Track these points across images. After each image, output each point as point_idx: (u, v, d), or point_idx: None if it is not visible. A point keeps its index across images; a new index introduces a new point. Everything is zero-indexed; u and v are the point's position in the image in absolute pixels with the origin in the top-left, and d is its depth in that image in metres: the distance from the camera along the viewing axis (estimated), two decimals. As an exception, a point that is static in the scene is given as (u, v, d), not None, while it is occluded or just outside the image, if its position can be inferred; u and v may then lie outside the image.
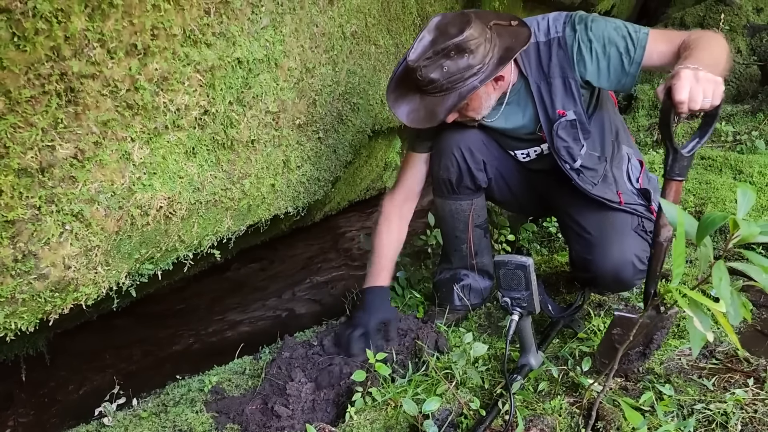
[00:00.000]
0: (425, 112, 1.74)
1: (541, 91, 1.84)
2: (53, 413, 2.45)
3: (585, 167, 1.90)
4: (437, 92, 1.71)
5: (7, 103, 1.17)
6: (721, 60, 1.53)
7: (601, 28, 1.75)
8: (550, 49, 1.80)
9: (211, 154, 1.72)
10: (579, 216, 1.96)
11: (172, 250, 1.78)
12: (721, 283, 1.08)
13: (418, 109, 1.75)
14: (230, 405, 1.80)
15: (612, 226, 1.90)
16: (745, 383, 1.65)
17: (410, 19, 2.86)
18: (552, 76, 1.81)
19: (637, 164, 2.06)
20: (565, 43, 1.78)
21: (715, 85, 1.42)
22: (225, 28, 1.59)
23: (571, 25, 1.78)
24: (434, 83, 1.69)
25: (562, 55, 1.78)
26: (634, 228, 1.91)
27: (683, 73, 1.42)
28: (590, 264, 1.91)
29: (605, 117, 1.96)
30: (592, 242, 1.91)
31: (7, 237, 1.27)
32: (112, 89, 1.35)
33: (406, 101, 1.78)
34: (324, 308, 3.09)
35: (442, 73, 1.67)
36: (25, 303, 1.38)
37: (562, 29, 1.79)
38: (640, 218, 1.93)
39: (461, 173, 2.04)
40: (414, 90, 1.76)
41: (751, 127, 3.83)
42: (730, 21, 4.70)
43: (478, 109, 1.86)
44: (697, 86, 1.40)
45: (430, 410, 1.55)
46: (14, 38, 1.13)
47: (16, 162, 1.22)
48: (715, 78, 1.42)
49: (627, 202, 1.93)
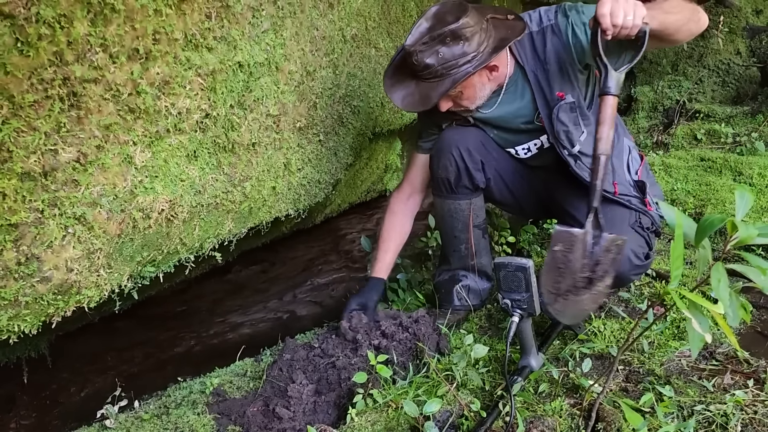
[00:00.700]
0: (419, 96, 1.78)
1: (538, 78, 1.88)
2: (55, 415, 2.46)
3: (583, 153, 1.92)
4: (432, 78, 1.75)
5: (10, 107, 1.18)
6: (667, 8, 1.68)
7: (591, 11, 1.77)
8: (545, 37, 1.85)
9: (213, 157, 1.73)
10: (576, 213, 1.97)
11: (173, 253, 1.79)
12: (720, 285, 1.09)
13: (413, 93, 1.79)
14: (231, 407, 1.81)
15: (609, 222, 1.91)
16: (745, 384, 1.65)
17: (410, 22, 2.87)
18: (548, 62, 1.86)
19: (638, 157, 2.09)
20: (559, 30, 1.83)
21: (635, 6, 1.56)
22: (226, 32, 1.60)
23: (562, 12, 1.84)
24: (429, 68, 1.73)
25: (557, 41, 1.83)
26: (631, 224, 1.92)
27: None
28: None
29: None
30: None
31: (10, 240, 1.27)
32: (114, 93, 1.36)
33: (402, 86, 1.82)
34: (325, 310, 3.10)
35: (438, 58, 1.71)
36: (28, 306, 1.39)
37: (554, 17, 1.85)
38: (637, 213, 1.94)
39: (459, 173, 2.06)
40: (410, 76, 1.80)
41: (750, 128, 3.84)
42: (730, 23, 4.71)
43: (473, 98, 1.89)
44: (617, 5, 1.55)
45: (431, 412, 1.55)
46: (18, 43, 1.14)
47: (19, 166, 1.23)
48: (635, 2, 1.56)
49: (621, 192, 1.95)
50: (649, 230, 1.96)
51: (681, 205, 2.94)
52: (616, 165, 1.97)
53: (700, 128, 4.04)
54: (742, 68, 4.58)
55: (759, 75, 4.51)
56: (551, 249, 1.66)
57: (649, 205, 1.97)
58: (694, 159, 3.46)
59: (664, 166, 3.39)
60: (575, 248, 1.65)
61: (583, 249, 1.65)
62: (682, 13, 1.71)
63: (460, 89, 1.82)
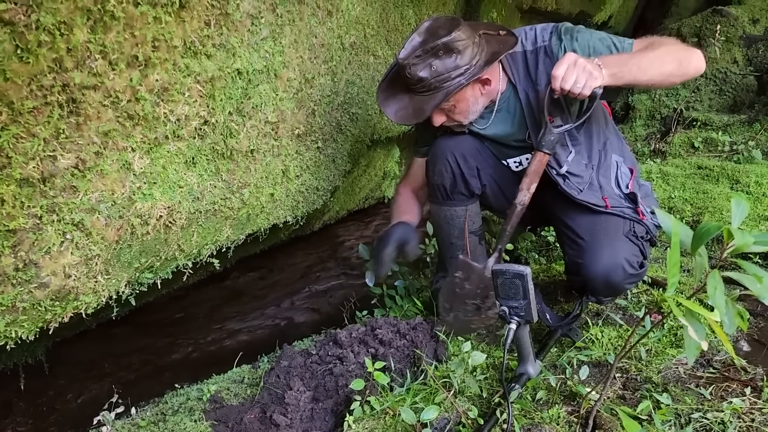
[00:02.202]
0: (413, 109, 1.79)
1: (530, 98, 1.89)
2: (51, 422, 2.45)
3: (571, 173, 1.93)
4: (425, 91, 1.76)
5: (9, 113, 1.19)
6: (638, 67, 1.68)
7: (586, 38, 1.82)
8: (537, 57, 1.86)
9: (211, 163, 1.74)
10: (572, 222, 1.99)
11: (171, 259, 1.79)
12: (716, 293, 1.09)
13: (407, 106, 1.81)
14: (229, 414, 1.81)
15: (604, 231, 1.92)
16: (742, 392, 1.65)
17: (408, 30, 2.89)
18: (539, 83, 1.86)
19: (627, 171, 2.09)
20: (551, 52, 1.84)
21: (589, 76, 1.60)
22: (225, 39, 1.61)
23: (557, 34, 1.84)
24: (422, 81, 1.74)
25: (549, 63, 1.83)
26: (625, 233, 1.93)
27: (567, 55, 1.64)
28: (581, 267, 1.93)
29: (594, 127, 2.00)
30: (584, 247, 1.94)
31: (8, 246, 1.28)
32: (113, 100, 1.36)
33: (396, 100, 1.84)
34: (323, 317, 3.10)
35: (431, 71, 1.72)
36: (25, 311, 1.39)
37: (548, 38, 1.85)
38: (631, 222, 1.95)
39: (455, 179, 2.07)
40: (403, 90, 1.82)
41: (747, 137, 3.85)
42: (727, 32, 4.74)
43: (465, 112, 1.90)
44: (573, 70, 1.60)
45: (429, 419, 1.55)
46: (17, 50, 1.15)
47: (18, 172, 1.24)
48: (592, 70, 1.60)
49: (613, 206, 1.96)
50: (643, 239, 1.97)
51: (678, 213, 2.95)
52: (603, 183, 1.99)
53: (698, 136, 4.06)
54: (739, 77, 4.61)
55: (756, 84, 4.54)
56: (451, 274, 1.92)
57: (642, 214, 1.98)
58: (691, 167, 3.47)
59: (662, 174, 3.40)
60: (471, 280, 1.89)
61: (477, 282, 1.88)
62: (664, 66, 1.71)
63: (453, 102, 1.84)
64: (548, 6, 4.40)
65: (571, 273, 2.08)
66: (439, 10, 3.17)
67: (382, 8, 2.57)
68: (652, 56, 1.71)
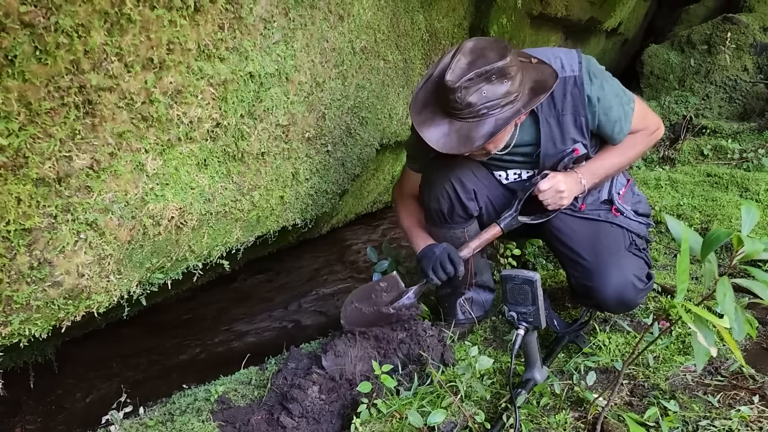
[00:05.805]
0: (458, 137, 1.67)
1: (550, 124, 1.86)
2: (60, 421, 2.47)
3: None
4: (470, 117, 1.65)
5: (27, 114, 1.20)
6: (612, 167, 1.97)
7: (608, 95, 1.85)
8: (565, 86, 1.81)
9: (222, 165, 1.75)
10: (569, 241, 1.98)
11: (182, 260, 1.81)
12: (725, 299, 1.10)
13: (449, 134, 1.68)
14: (236, 415, 1.82)
15: (606, 250, 1.91)
16: (750, 400, 1.65)
17: (419, 35, 2.90)
18: (564, 111, 1.84)
19: (624, 180, 2.11)
20: (582, 85, 1.81)
21: (560, 199, 1.89)
22: (238, 42, 1.63)
23: (588, 72, 1.82)
24: (471, 107, 1.63)
25: (577, 93, 1.81)
26: (627, 248, 1.93)
27: (555, 176, 1.88)
28: (592, 291, 1.91)
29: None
30: (590, 268, 1.92)
31: (23, 245, 1.30)
32: (128, 102, 1.38)
33: (435, 125, 1.70)
34: (330, 320, 3.10)
35: (481, 97, 1.62)
36: (39, 310, 1.41)
37: (578, 70, 1.81)
38: (630, 235, 1.97)
39: (452, 204, 2.03)
40: (441, 113, 1.70)
41: (757, 144, 3.84)
42: (737, 39, 4.73)
43: (500, 141, 1.83)
44: (551, 191, 1.87)
45: (435, 423, 1.56)
46: (36, 52, 1.17)
47: (34, 171, 1.25)
48: (563, 197, 1.89)
49: (588, 209, 2.01)
50: (645, 251, 1.98)
51: (687, 220, 2.94)
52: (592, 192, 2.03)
53: (707, 144, 4.05)
54: (749, 84, 4.60)
55: (766, 91, 4.52)
56: (376, 280, 2.07)
57: (616, 211, 2.01)
58: (700, 174, 3.46)
59: (671, 181, 3.39)
60: (389, 294, 2.01)
61: (393, 299, 2.00)
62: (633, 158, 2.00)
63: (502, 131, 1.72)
64: (558, 12, 4.40)
65: (579, 296, 2.06)
66: (449, 16, 3.18)
67: (392, 13, 2.59)
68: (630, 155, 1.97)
